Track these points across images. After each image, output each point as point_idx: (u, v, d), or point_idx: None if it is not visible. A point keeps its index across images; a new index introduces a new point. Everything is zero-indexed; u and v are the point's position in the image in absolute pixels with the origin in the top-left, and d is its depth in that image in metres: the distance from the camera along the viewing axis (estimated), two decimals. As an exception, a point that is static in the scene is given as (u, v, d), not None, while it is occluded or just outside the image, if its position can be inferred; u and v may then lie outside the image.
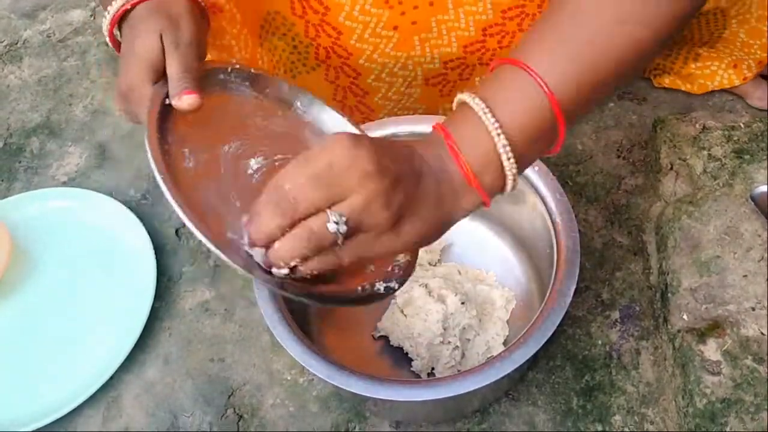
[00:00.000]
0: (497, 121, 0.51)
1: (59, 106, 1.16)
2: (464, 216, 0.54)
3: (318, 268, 0.51)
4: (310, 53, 0.80)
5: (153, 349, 0.89)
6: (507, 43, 0.79)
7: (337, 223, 0.48)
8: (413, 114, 0.90)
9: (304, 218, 0.48)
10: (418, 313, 0.79)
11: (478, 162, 0.52)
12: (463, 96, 0.54)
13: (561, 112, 0.52)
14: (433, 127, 0.54)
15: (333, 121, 0.67)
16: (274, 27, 0.78)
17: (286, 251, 0.49)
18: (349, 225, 0.48)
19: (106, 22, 0.62)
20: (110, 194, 1.01)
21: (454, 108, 0.56)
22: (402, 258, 0.60)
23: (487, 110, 0.52)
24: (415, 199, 0.51)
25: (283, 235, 0.49)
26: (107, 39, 0.64)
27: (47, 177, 1.08)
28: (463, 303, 0.79)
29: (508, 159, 0.52)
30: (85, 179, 1.06)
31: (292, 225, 0.49)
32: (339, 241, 0.49)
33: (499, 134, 0.51)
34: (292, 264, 0.50)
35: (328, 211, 0.48)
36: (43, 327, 0.92)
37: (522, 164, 0.53)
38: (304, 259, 0.50)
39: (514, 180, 0.54)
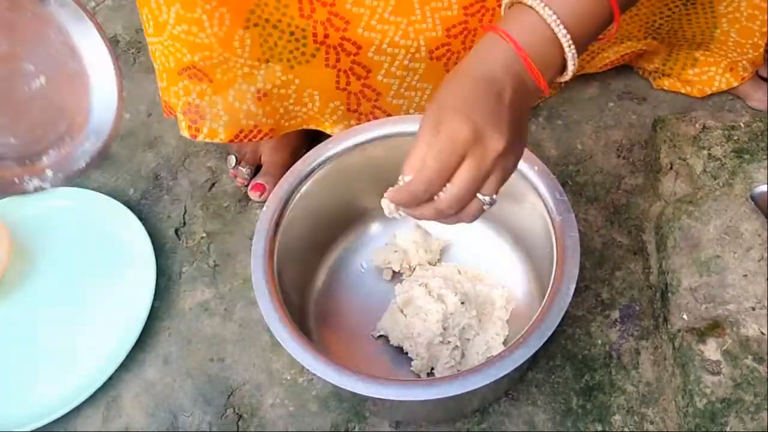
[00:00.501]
0: (558, 17, 0.55)
1: (59, 105, 1.16)
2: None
3: None
4: (308, 36, 0.78)
5: (153, 349, 0.89)
6: None
7: (490, 203, 0.59)
8: (422, 95, 0.89)
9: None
10: (417, 312, 0.79)
11: (544, 64, 0.57)
12: None
13: (616, 3, 0.56)
14: (499, 34, 0.57)
15: (86, 35, 0.66)
16: (267, 13, 0.77)
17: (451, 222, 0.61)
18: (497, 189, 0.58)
19: None
20: (110, 194, 1.01)
21: (503, 10, 0.59)
22: None
23: (548, 9, 0.55)
24: (519, 131, 0.58)
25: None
26: None
27: (47, 177, 1.08)
28: (462, 303, 0.79)
29: (572, 52, 0.56)
30: (84, 179, 1.06)
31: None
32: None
33: (566, 36, 0.56)
34: None
35: (480, 197, 0.58)
36: (42, 326, 0.92)
37: (580, 52, 0.57)
38: None
39: (574, 70, 0.58)
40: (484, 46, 0.58)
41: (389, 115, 0.91)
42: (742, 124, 0.87)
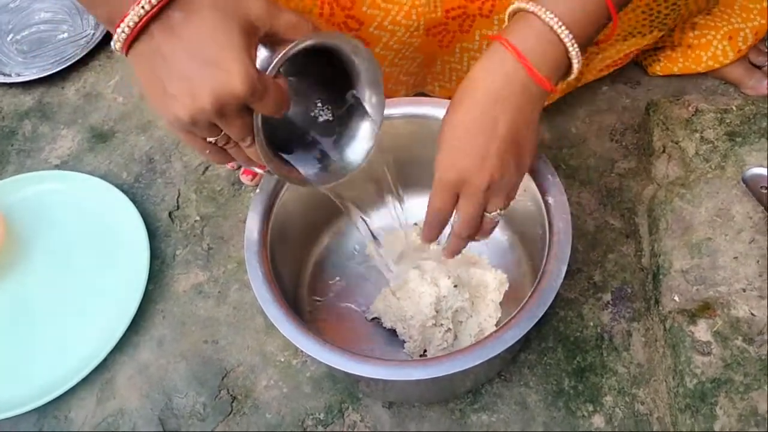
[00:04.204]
0: (560, 20, 0.58)
1: (51, 89, 1.16)
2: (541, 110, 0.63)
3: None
4: (314, 14, 0.78)
5: (147, 331, 0.89)
6: None
7: (500, 214, 0.65)
8: (412, 63, 0.89)
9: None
10: (410, 295, 0.79)
11: (548, 67, 0.59)
12: (519, 4, 0.60)
13: (613, 3, 0.59)
14: (501, 43, 0.60)
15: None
16: None
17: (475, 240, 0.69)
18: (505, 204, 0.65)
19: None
20: (103, 177, 1.01)
21: (507, 18, 0.62)
22: None
23: (549, 13, 0.58)
24: (516, 150, 0.62)
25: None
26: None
27: (40, 160, 1.08)
28: (455, 286, 0.79)
29: (575, 51, 0.59)
30: (77, 162, 1.06)
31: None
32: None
33: (569, 36, 0.58)
34: None
35: (488, 215, 0.65)
36: (36, 309, 0.92)
37: (583, 51, 0.60)
38: None
39: (579, 68, 0.60)
40: (488, 58, 0.60)
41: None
42: (734, 108, 0.87)
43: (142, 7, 0.50)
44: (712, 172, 0.82)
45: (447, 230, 0.70)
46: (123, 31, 0.51)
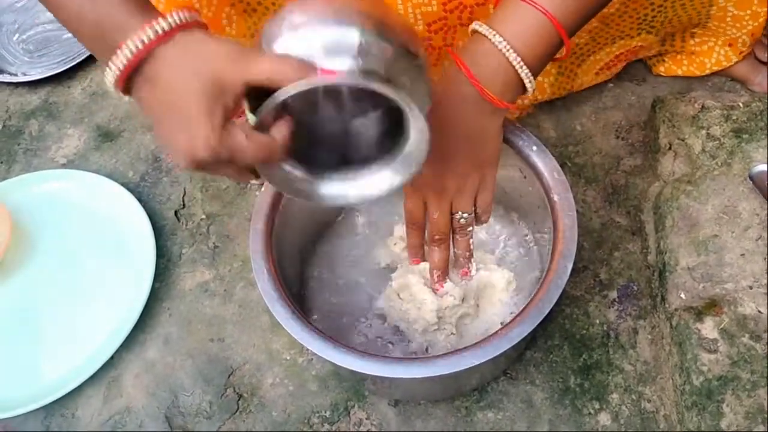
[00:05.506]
0: (508, 43, 0.61)
1: (58, 88, 1.16)
2: (501, 122, 0.68)
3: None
4: None
5: (153, 330, 0.89)
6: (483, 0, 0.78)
7: (464, 217, 0.72)
8: None
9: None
10: (413, 299, 0.79)
11: (499, 87, 0.63)
12: (475, 26, 0.63)
13: (563, 30, 0.61)
14: (457, 64, 0.63)
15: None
16: None
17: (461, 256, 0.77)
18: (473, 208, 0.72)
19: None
20: (109, 176, 1.01)
21: (470, 35, 0.65)
22: None
23: (498, 37, 0.61)
24: (479, 155, 0.68)
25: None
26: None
27: (46, 159, 1.08)
28: (459, 292, 0.79)
29: (525, 72, 0.62)
30: (84, 161, 1.06)
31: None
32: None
33: (516, 59, 0.61)
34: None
35: (455, 216, 0.72)
36: (43, 307, 0.92)
37: (536, 72, 0.63)
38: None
39: (532, 87, 0.63)
40: (447, 76, 0.65)
41: None
42: (741, 104, 0.86)
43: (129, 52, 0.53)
44: (719, 169, 0.82)
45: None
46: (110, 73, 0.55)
